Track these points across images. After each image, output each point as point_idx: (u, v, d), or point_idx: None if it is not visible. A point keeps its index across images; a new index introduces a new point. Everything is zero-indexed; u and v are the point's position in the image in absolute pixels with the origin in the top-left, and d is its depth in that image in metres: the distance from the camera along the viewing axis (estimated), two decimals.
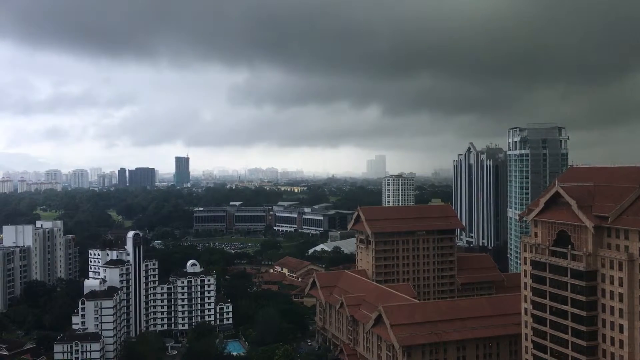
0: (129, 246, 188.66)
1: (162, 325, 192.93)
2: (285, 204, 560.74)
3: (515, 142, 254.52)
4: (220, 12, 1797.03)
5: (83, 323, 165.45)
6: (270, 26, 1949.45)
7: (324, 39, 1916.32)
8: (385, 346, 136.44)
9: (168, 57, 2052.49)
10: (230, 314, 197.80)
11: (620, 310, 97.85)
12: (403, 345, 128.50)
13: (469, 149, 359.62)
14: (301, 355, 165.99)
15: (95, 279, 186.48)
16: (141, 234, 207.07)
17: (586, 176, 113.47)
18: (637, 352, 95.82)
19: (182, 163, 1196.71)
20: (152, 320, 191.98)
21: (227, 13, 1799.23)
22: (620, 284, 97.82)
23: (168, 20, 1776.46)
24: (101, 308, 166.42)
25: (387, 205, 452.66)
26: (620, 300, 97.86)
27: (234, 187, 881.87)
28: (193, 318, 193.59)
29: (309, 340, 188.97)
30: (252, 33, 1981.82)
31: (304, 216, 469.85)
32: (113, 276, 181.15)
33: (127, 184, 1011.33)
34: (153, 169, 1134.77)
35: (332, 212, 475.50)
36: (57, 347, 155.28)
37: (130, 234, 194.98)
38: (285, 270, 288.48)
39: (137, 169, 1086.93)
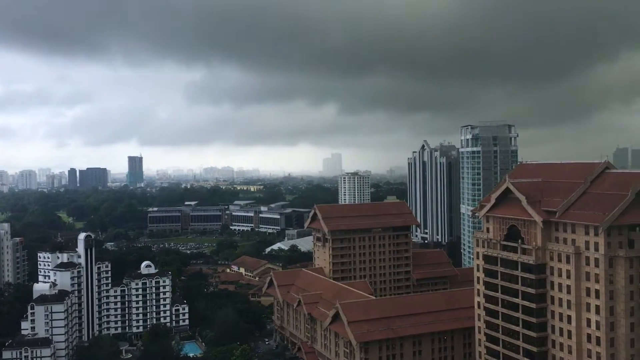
0: (80, 248, 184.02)
1: (116, 328, 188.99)
2: (242, 203, 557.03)
3: (467, 139, 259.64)
4: (172, 10, 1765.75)
5: (33, 328, 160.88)
6: (225, 24, 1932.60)
7: (280, 37, 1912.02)
8: (343, 343, 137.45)
9: (122, 54, 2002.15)
10: (187, 315, 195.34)
11: (568, 301, 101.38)
12: (360, 342, 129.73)
13: (423, 146, 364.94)
14: (259, 354, 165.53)
15: (45, 282, 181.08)
16: (93, 236, 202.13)
17: (535, 172, 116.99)
18: (584, 341, 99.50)
19: (135, 163, 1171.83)
20: (105, 323, 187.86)
21: (178, 10, 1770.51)
22: (568, 277, 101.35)
23: (119, 17, 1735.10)
24: (52, 312, 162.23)
25: (343, 203, 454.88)
26: (568, 292, 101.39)
27: (189, 187, 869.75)
28: (148, 320, 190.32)
29: (267, 340, 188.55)
30: (207, 31, 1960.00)
31: (260, 215, 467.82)
32: (64, 279, 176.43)
33: (78, 185, 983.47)
34: (105, 169, 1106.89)
35: (288, 210, 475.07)
36: (6, 354, 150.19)
37: (82, 235, 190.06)
38: (242, 270, 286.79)
39: (88, 169, 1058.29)
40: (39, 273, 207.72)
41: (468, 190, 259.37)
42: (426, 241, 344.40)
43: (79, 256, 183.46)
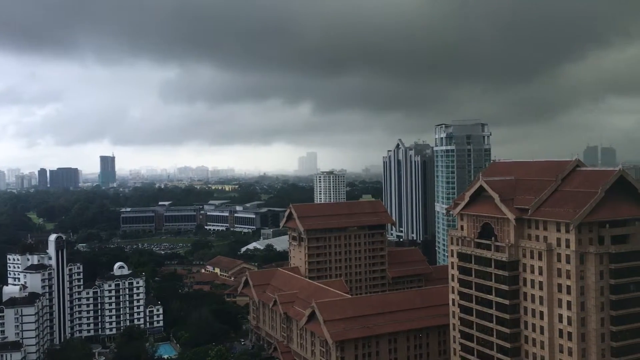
0: (51, 250, 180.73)
1: (89, 330, 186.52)
2: (217, 202, 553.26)
3: (442, 138, 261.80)
4: (143, 6, 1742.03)
5: (2, 332, 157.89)
6: (198, 21, 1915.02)
7: (255, 36, 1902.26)
8: (319, 342, 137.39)
9: (94, 52, 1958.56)
10: (161, 317, 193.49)
11: (541, 297, 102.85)
12: (336, 340, 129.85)
13: (398, 145, 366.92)
14: (235, 355, 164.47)
15: (15, 285, 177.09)
16: (64, 237, 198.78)
17: (508, 170, 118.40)
18: (556, 337, 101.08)
19: (107, 162, 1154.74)
20: (77, 326, 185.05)
21: (149, 7, 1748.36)
22: (540, 273, 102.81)
23: (88, 14, 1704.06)
24: (22, 315, 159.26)
25: (319, 202, 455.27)
26: (540, 288, 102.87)
27: (163, 187, 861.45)
28: (121, 322, 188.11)
29: (243, 340, 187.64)
30: (180, 28, 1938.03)
31: (235, 215, 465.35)
32: (34, 282, 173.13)
33: (48, 185, 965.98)
34: (76, 169, 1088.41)
35: (264, 210, 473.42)
36: None
37: (52, 237, 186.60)
38: (217, 270, 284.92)
39: (58, 169, 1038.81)
40: (9, 275, 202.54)
41: (442, 188, 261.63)
42: (401, 239, 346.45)
43: (50, 258, 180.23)
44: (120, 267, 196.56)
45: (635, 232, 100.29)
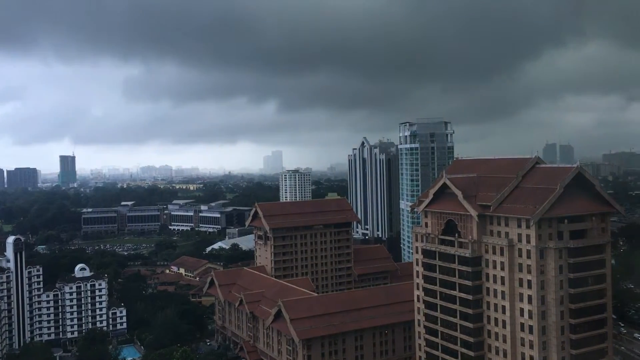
0: (9, 252, 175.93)
1: (49, 334, 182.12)
2: (181, 202, 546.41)
3: (406, 136, 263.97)
4: (105, 4, 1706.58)
5: None
6: (162, 19, 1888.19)
7: (218, 34, 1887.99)
8: (286, 340, 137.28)
9: (53, 49, 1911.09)
10: (124, 318, 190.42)
11: (503, 292, 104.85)
12: (303, 339, 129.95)
13: (363, 143, 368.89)
14: (200, 355, 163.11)
15: None
16: (23, 239, 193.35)
17: (470, 168, 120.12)
18: (518, 330, 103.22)
19: (67, 162, 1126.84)
20: (37, 330, 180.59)
21: (112, 4, 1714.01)
22: (502, 268, 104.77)
23: (45, 10, 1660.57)
24: None
25: (284, 200, 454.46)
26: (502, 283, 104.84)
27: (125, 187, 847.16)
28: (83, 325, 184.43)
29: (208, 340, 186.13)
30: (144, 26, 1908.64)
31: (200, 214, 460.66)
32: None
33: (6, 186, 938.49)
34: (35, 169, 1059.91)
35: (229, 209, 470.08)
36: None
37: (10, 239, 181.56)
38: (182, 270, 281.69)
39: (16, 169, 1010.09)
40: None
41: (407, 186, 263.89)
42: (367, 237, 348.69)
43: (8, 260, 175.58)
44: (82, 269, 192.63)
45: (593, 227, 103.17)
